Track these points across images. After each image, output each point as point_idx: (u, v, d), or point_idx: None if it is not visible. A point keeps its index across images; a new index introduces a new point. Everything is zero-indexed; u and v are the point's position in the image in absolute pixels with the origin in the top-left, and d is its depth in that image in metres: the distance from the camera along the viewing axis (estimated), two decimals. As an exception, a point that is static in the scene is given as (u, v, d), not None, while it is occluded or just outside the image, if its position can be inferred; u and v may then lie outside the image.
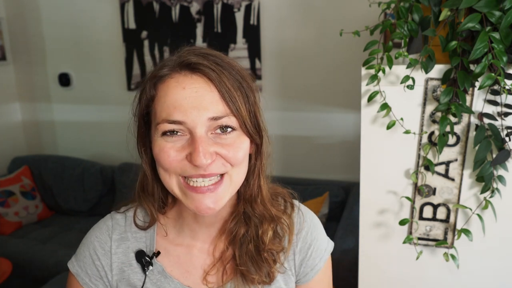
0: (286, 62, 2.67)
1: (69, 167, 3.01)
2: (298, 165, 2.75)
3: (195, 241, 0.77)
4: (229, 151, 0.66)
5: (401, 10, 1.03)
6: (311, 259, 0.80)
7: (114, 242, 0.77)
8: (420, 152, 1.10)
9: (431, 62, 1.01)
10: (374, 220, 1.19)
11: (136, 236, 0.78)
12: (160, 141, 0.66)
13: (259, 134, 0.71)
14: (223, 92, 0.64)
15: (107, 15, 2.94)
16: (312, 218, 0.83)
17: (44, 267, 2.40)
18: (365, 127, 1.12)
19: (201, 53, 0.68)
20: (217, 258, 0.77)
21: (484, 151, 1.01)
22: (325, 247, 0.82)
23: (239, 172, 0.69)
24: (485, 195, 1.06)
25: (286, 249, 0.78)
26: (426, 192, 1.12)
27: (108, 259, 0.76)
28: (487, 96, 1.02)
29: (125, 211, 0.80)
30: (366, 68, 1.05)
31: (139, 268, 0.76)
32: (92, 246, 0.77)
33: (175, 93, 0.65)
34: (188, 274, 0.77)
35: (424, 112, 1.07)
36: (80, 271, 0.77)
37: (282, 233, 0.78)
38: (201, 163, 0.62)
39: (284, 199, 0.81)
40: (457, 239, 1.12)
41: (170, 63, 0.68)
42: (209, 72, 0.65)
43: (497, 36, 0.93)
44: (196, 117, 0.63)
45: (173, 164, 0.65)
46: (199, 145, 0.63)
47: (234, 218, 0.76)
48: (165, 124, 0.64)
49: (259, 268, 0.74)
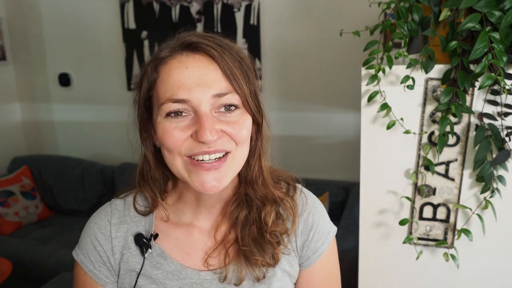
0: (286, 62, 2.67)
1: (69, 167, 3.01)
2: (298, 165, 2.75)
3: (196, 223, 0.77)
4: (234, 128, 0.67)
5: (401, 10, 1.03)
6: (313, 242, 0.79)
7: (114, 226, 0.77)
8: (420, 152, 1.10)
9: (431, 62, 1.01)
10: (374, 220, 1.19)
11: (135, 220, 0.78)
12: (164, 122, 0.66)
13: (260, 113, 0.71)
14: (225, 69, 0.65)
15: (107, 15, 2.94)
16: (314, 200, 0.83)
17: (44, 267, 2.40)
18: (365, 127, 1.12)
19: (201, 34, 0.69)
20: (219, 241, 0.76)
21: (484, 151, 1.01)
22: (328, 230, 0.81)
23: (242, 152, 0.70)
24: (485, 195, 1.06)
25: (290, 231, 0.77)
26: (426, 192, 1.12)
27: (109, 243, 0.77)
28: (487, 96, 1.02)
29: (125, 197, 0.81)
30: (366, 68, 1.05)
31: (138, 251, 0.76)
32: (93, 233, 0.77)
33: (178, 72, 0.65)
34: (188, 256, 0.77)
35: (424, 112, 1.07)
36: (83, 259, 0.77)
37: (286, 215, 0.77)
38: (207, 139, 0.63)
39: (287, 183, 0.82)
40: (457, 239, 1.12)
41: (170, 46, 0.69)
42: (211, 50, 0.66)
43: (497, 36, 0.93)
44: (201, 95, 0.64)
45: (178, 144, 0.66)
46: (205, 122, 0.63)
47: (235, 201, 0.76)
48: (169, 104, 0.65)
49: (263, 250, 0.73)
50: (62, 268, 2.28)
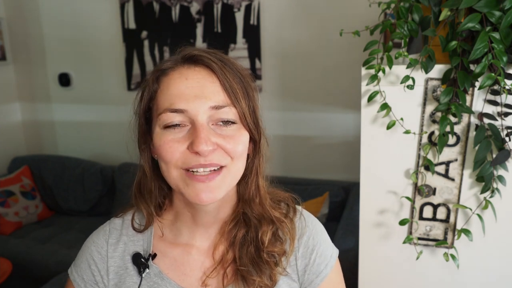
0: (286, 62, 2.67)
1: (69, 167, 3.01)
2: (298, 165, 2.75)
3: (193, 242, 0.77)
4: (229, 142, 0.67)
5: (401, 10, 1.03)
6: (315, 265, 0.77)
7: (111, 246, 0.77)
8: (420, 152, 1.10)
9: (431, 62, 1.01)
10: (374, 220, 1.19)
11: (133, 239, 0.78)
12: (161, 133, 0.67)
13: (257, 130, 0.72)
14: (224, 83, 0.66)
15: (107, 15, 2.94)
16: (315, 223, 0.81)
17: (44, 267, 2.40)
18: (365, 127, 1.12)
19: (203, 50, 0.70)
20: (218, 260, 0.76)
21: (484, 151, 1.01)
22: (331, 253, 0.80)
23: (237, 166, 0.70)
24: (485, 195, 1.06)
25: (288, 253, 0.76)
26: (426, 192, 1.12)
27: (104, 263, 0.77)
28: (487, 96, 1.02)
29: (123, 215, 0.81)
30: (366, 68, 1.05)
31: (135, 271, 0.76)
32: (89, 251, 0.78)
33: (178, 83, 0.66)
34: (185, 276, 0.76)
35: (424, 112, 1.07)
36: (76, 276, 0.78)
37: (284, 237, 0.76)
38: (202, 149, 0.63)
39: (287, 204, 0.81)
40: (457, 239, 1.12)
41: (172, 59, 0.70)
42: (212, 63, 0.67)
43: (497, 36, 0.93)
44: (198, 106, 0.65)
45: (174, 156, 0.66)
46: (200, 132, 0.64)
47: (233, 219, 0.75)
48: (167, 113, 0.65)
49: (260, 270, 0.72)
50: (62, 268, 2.27)
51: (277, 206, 0.79)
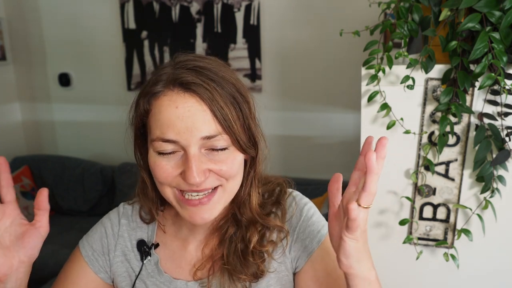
0: (286, 62, 2.67)
1: (69, 167, 3.01)
2: (298, 165, 2.75)
3: (192, 237, 0.81)
4: (222, 167, 0.67)
5: (401, 10, 1.03)
6: (299, 240, 0.78)
7: (122, 226, 0.84)
8: (420, 152, 1.10)
9: (431, 62, 1.01)
10: (374, 220, 1.18)
11: (141, 226, 0.84)
12: (155, 156, 0.68)
13: (254, 147, 0.72)
14: (215, 111, 0.65)
15: (107, 15, 2.94)
16: (303, 201, 0.83)
17: (44, 267, 2.40)
18: (365, 127, 1.12)
19: (195, 66, 0.67)
20: (207, 255, 0.79)
21: (484, 151, 1.01)
22: (319, 229, 0.79)
23: (233, 184, 0.71)
24: (485, 195, 1.06)
25: (277, 244, 0.77)
26: (426, 192, 1.12)
27: (114, 240, 0.83)
28: (487, 96, 1.02)
29: (133, 203, 0.86)
30: (366, 68, 1.05)
31: (137, 256, 0.82)
32: (104, 226, 0.84)
33: (168, 111, 0.65)
34: (180, 269, 0.80)
35: (424, 112, 1.07)
36: (86, 244, 0.83)
37: (276, 240, 0.77)
38: (194, 181, 0.64)
39: (280, 188, 0.82)
40: (457, 239, 1.12)
41: (164, 78, 0.67)
42: (202, 91, 0.65)
43: (497, 36, 0.93)
44: (189, 137, 0.64)
45: (168, 179, 0.68)
46: (192, 164, 0.64)
47: (224, 217, 0.78)
48: (159, 142, 0.66)
49: (247, 267, 0.74)
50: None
51: (267, 218, 0.78)
